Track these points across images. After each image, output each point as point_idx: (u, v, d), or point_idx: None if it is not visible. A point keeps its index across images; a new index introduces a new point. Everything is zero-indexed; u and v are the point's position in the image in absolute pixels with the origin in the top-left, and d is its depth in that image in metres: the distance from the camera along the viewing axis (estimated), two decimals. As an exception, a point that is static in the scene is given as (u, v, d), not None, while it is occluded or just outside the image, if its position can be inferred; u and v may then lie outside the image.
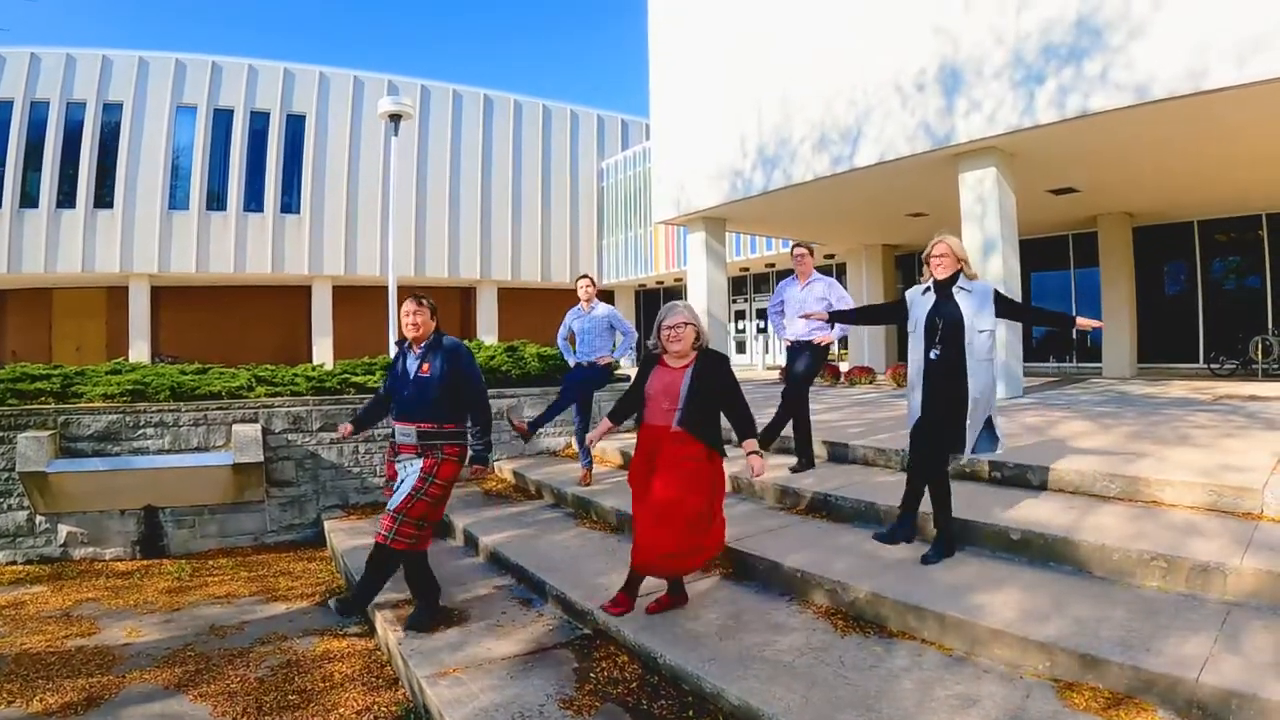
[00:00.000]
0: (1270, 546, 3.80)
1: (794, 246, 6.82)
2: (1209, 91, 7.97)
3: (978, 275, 4.60)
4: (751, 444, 4.18)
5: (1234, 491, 4.48)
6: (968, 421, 4.36)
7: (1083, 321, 4.50)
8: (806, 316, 5.87)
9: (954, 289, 4.45)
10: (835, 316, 5.58)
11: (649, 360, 4.35)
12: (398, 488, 4.55)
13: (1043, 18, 9.31)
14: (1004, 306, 4.52)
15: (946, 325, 4.37)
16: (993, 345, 4.44)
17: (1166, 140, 10.09)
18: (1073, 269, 18.03)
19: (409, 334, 4.70)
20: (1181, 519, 4.40)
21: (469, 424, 4.75)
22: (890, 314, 5.05)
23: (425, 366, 4.60)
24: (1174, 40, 8.11)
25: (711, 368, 4.17)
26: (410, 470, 4.52)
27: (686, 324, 4.15)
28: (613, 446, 8.26)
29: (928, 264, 4.57)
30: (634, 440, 4.52)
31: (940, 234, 4.61)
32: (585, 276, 7.78)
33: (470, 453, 4.74)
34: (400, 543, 4.48)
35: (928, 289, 4.56)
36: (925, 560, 4.31)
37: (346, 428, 5.09)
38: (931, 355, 4.40)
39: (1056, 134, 9.74)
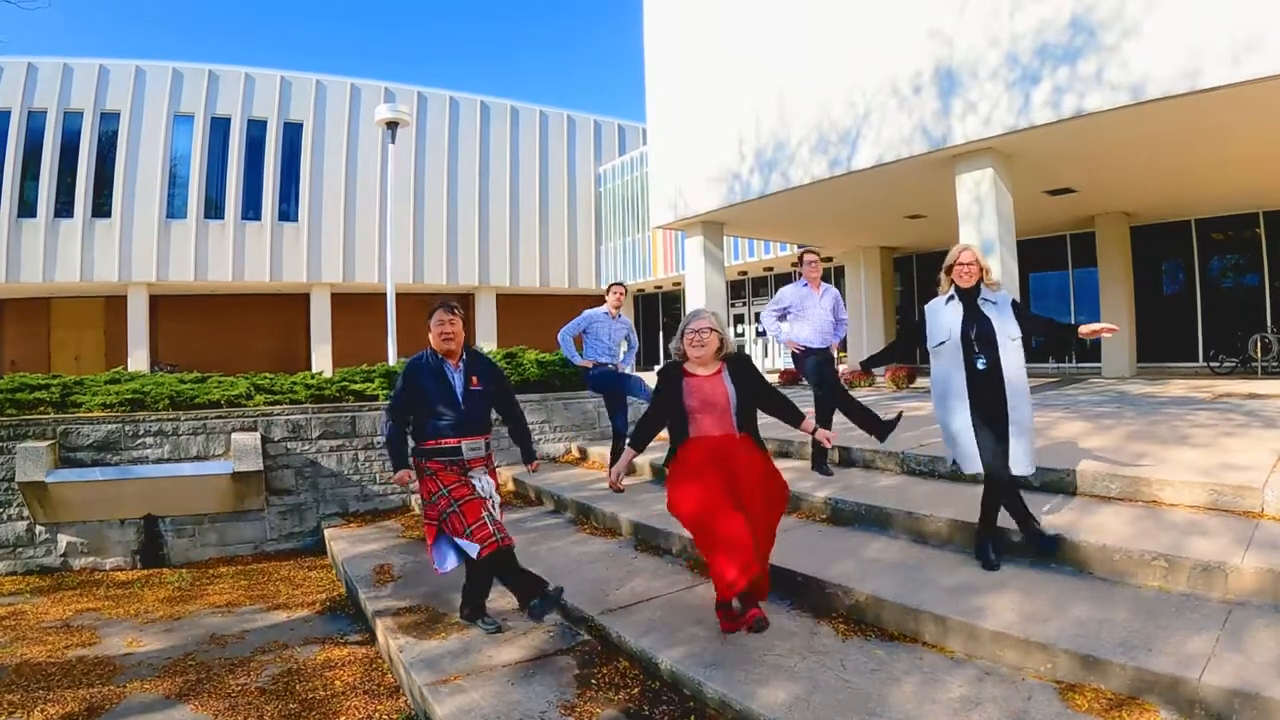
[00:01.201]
0: (1271, 545, 3.80)
1: (805, 252, 6.92)
2: (1204, 90, 7.97)
3: (999, 284, 4.49)
4: (811, 423, 4.31)
5: (1234, 490, 4.47)
6: (1014, 433, 4.23)
7: (1085, 329, 4.29)
8: (847, 379, 5.78)
9: (979, 301, 4.36)
10: (867, 365, 5.46)
11: (673, 373, 4.20)
12: (488, 508, 4.43)
13: (1038, 18, 9.32)
14: (1024, 318, 4.39)
15: (982, 336, 4.27)
16: (1023, 352, 4.33)
17: (1162, 139, 10.09)
18: (1071, 269, 18.03)
19: (444, 346, 4.46)
20: (1182, 518, 4.40)
21: (513, 426, 4.89)
22: (912, 340, 4.76)
23: (475, 379, 4.51)
24: (1168, 39, 8.12)
25: (744, 370, 4.20)
26: (487, 488, 4.49)
27: (711, 330, 4.12)
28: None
29: (949, 273, 4.44)
30: (655, 449, 4.49)
31: (961, 243, 4.56)
32: (620, 284, 7.83)
33: (524, 453, 4.93)
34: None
35: (951, 298, 4.44)
36: (1045, 549, 4.15)
37: (405, 475, 4.45)
38: (979, 365, 4.23)
39: (1053, 134, 9.74)
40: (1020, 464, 4.26)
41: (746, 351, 26.94)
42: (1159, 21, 8.19)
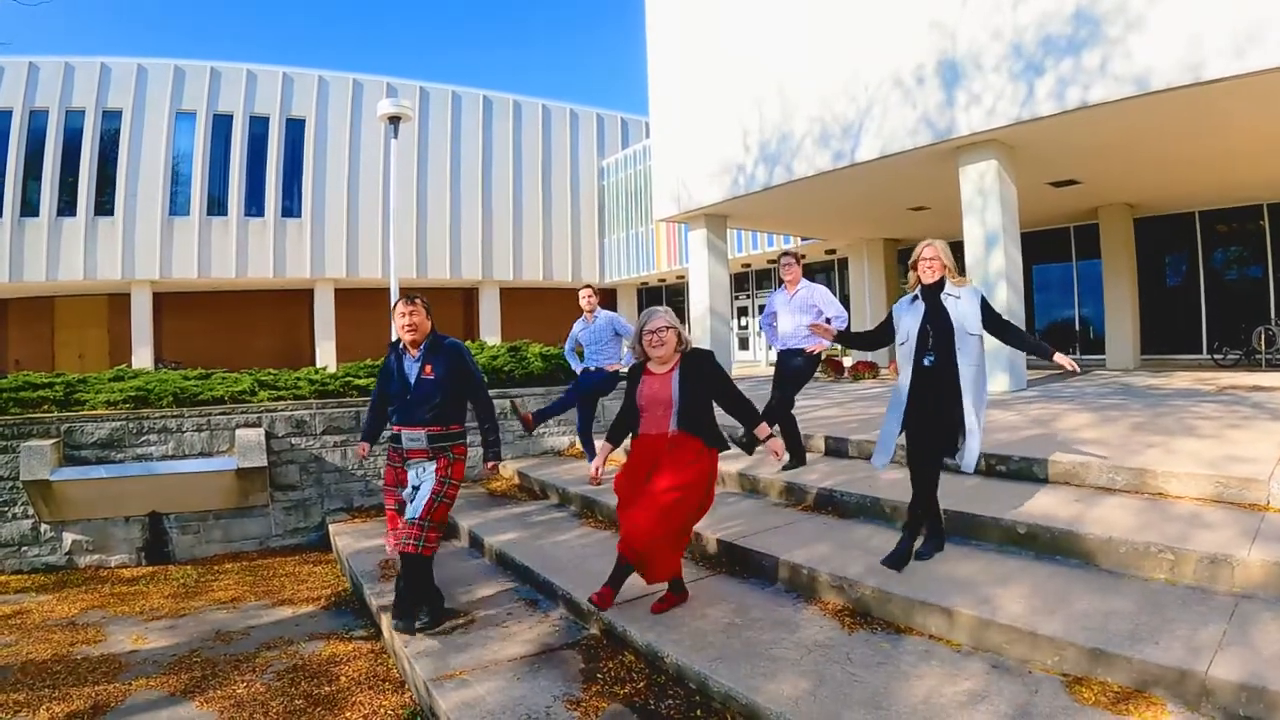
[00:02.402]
0: (1278, 537, 3.78)
1: (781, 255, 6.83)
2: (1207, 82, 7.94)
3: (966, 280, 4.49)
4: (765, 429, 4.26)
5: (1240, 483, 4.46)
6: (968, 429, 4.24)
7: (1060, 358, 4.31)
8: (814, 328, 5.66)
9: (942, 295, 4.36)
10: (842, 338, 5.27)
11: (635, 371, 4.32)
12: (413, 494, 4.50)
13: (1041, 10, 9.28)
14: (989, 320, 4.38)
15: (938, 333, 4.29)
16: (982, 350, 4.36)
17: (1166, 131, 10.06)
18: (1074, 261, 17.98)
19: (405, 337, 4.58)
20: (1188, 510, 4.39)
21: (478, 423, 4.76)
22: (884, 334, 4.78)
23: (428, 369, 4.53)
24: (1171, 31, 8.09)
25: (697, 367, 4.17)
26: (425, 475, 4.50)
27: (668, 328, 4.14)
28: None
29: (914, 269, 4.46)
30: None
31: (928, 239, 4.55)
32: (587, 287, 7.93)
33: (484, 450, 4.75)
34: (429, 548, 4.47)
35: (915, 297, 4.47)
36: (919, 555, 4.30)
37: (364, 447, 4.92)
38: (925, 362, 4.30)
39: (1056, 126, 9.71)
40: (970, 462, 4.29)
41: (750, 344, 26.98)
42: (1162, 14, 8.16)
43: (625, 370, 7.70)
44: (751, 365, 24.22)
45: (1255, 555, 3.56)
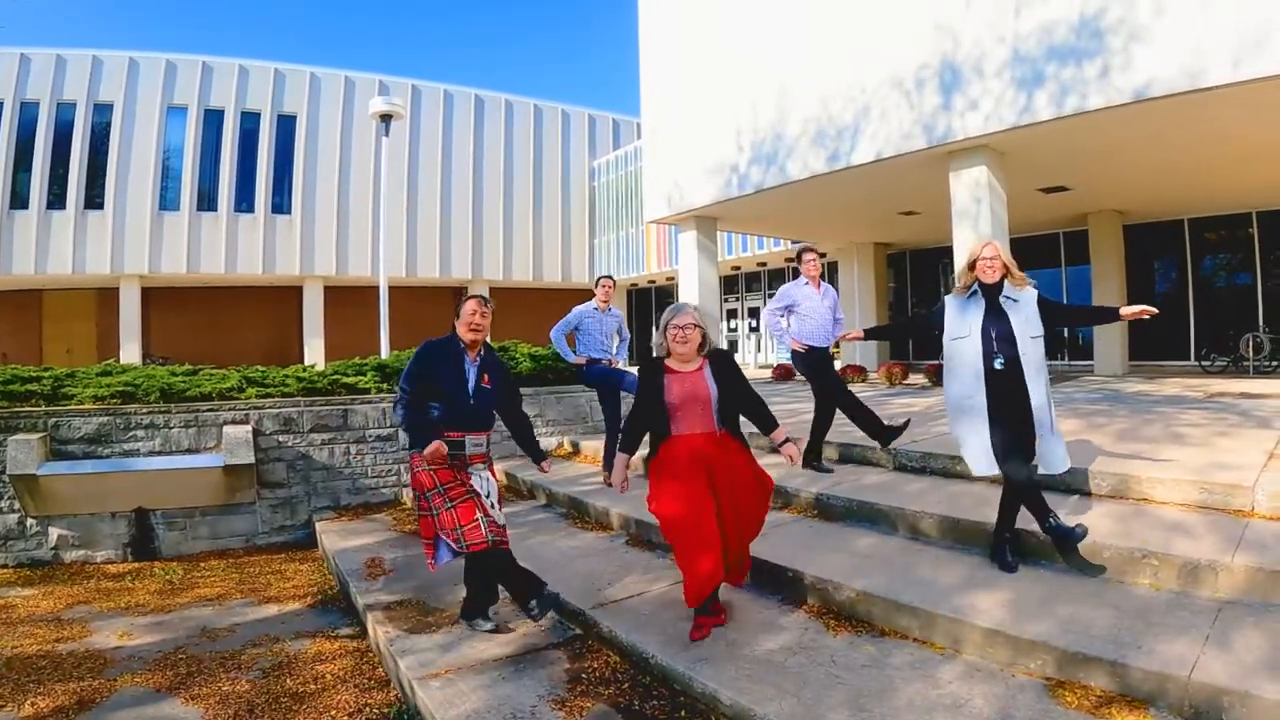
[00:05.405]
0: (1261, 544, 3.81)
1: (804, 250, 6.74)
2: (1207, 89, 7.96)
3: (1025, 281, 4.38)
4: (782, 434, 4.20)
5: (1225, 489, 4.49)
6: (1038, 432, 4.20)
7: (1127, 311, 4.23)
8: (844, 338, 5.88)
9: (1000, 298, 4.28)
10: (871, 334, 5.41)
11: (654, 369, 4.11)
12: (487, 500, 4.40)
13: (1044, 18, 9.30)
14: (1049, 312, 4.32)
15: (1002, 335, 4.20)
16: (1044, 353, 4.26)
17: (1160, 138, 10.09)
18: (1064, 267, 18.07)
19: (470, 337, 4.40)
20: (1172, 517, 4.42)
21: (517, 428, 4.80)
22: (926, 326, 4.75)
23: (486, 378, 4.45)
24: (1174, 40, 8.09)
25: (727, 367, 4.14)
26: (488, 484, 4.46)
27: (694, 325, 4.04)
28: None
29: (972, 269, 4.36)
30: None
31: (987, 239, 4.50)
32: (609, 277, 7.61)
33: (533, 455, 4.80)
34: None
35: (973, 294, 4.37)
36: (1071, 541, 4.02)
37: (440, 445, 4.21)
38: (996, 365, 4.18)
39: (1049, 132, 9.73)
40: (1056, 463, 4.26)
41: (740, 347, 26.99)
42: (1165, 24, 8.17)
43: (622, 366, 7.67)
44: (740, 367, 24.18)
45: (1239, 561, 3.59)
